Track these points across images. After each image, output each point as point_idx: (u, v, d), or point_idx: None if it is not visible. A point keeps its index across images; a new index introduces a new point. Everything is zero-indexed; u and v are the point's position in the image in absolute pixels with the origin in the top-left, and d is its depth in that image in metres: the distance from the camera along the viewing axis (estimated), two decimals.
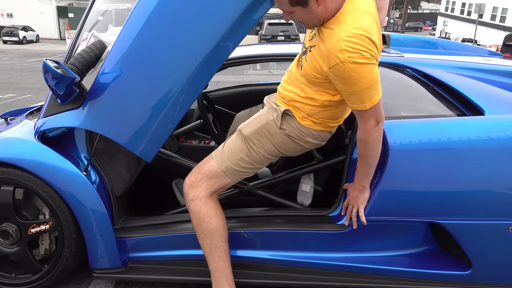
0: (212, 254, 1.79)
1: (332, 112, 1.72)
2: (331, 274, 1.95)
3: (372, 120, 1.57)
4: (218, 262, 1.79)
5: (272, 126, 1.74)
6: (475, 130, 1.79)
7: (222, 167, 1.78)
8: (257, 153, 1.77)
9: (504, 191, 1.78)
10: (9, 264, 2.04)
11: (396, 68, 2.06)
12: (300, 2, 1.46)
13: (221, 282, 1.80)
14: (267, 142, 1.76)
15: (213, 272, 1.81)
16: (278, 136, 1.75)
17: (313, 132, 1.76)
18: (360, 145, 1.66)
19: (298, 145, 1.79)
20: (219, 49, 1.68)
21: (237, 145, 1.78)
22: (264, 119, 1.77)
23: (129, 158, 2.23)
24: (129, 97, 1.75)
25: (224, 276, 1.80)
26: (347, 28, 1.44)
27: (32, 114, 2.51)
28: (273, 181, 2.10)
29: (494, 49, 12.05)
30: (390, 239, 1.95)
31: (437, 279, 1.90)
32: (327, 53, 1.48)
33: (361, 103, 1.53)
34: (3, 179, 1.91)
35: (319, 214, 1.98)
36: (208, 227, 1.77)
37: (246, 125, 1.80)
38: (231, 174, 1.79)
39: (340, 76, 1.48)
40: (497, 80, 2.05)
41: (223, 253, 1.79)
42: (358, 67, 1.44)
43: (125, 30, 1.70)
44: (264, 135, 1.75)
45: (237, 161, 1.77)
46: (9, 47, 23.16)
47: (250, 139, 1.76)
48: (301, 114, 1.72)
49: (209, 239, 1.77)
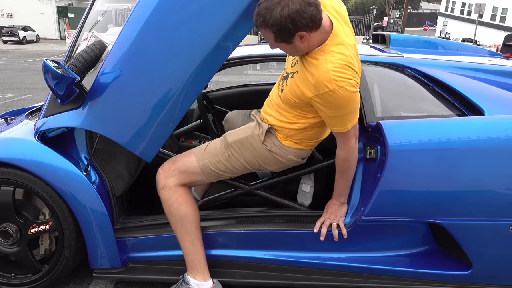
0: (183, 239, 1.87)
1: (309, 133, 1.83)
2: (331, 274, 1.95)
3: (352, 139, 1.71)
4: (189, 247, 1.87)
5: (256, 140, 1.84)
6: (475, 130, 1.79)
7: (200, 164, 1.87)
8: (237, 160, 1.87)
9: (504, 191, 1.78)
10: (9, 264, 2.04)
11: (396, 68, 2.06)
12: (284, 40, 1.54)
13: (193, 265, 1.88)
14: (248, 153, 1.86)
15: (185, 256, 1.90)
16: (260, 150, 1.85)
17: (294, 151, 1.86)
18: (342, 163, 1.77)
19: (279, 161, 1.88)
20: (219, 49, 1.68)
21: (219, 149, 1.88)
22: (249, 132, 1.87)
23: (129, 158, 2.23)
24: (129, 97, 1.75)
25: (196, 260, 1.88)
26: (333, 59, 1.54)
27: (32, 114, 2.51)
28: (273, 181, 2.10)
29: (494, 49, 12.05)
30: (390, 239, 1.95)
31: (437, 279, 1.90)
32: (314, 83, 1.57)
33: (344, 125, 1.65)
34: (3, 179, 1.90)
35: (319, 214, 1.98)
36: (177, 213, 1.85)
37: (232, 133, 1.92)
38: (206, 173, 1.89)
39: (328, 102, 1.59)
40: (497, 80, 2.05)
41: (193, 239, 1.87)
42: (346, 94, 1.55)
43: (125, 30, 1.70)
44: (246, 146, 1.85)
45: (216, 162, 1.87)
46: (9, 47, 23.17)
47: (232, 146, 1.86)
48: (281, 135, 1.84)
49: (179, 225, 1.86)
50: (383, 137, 1.79)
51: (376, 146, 1.85)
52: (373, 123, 1.90)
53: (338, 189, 1.88)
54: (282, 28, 1.48)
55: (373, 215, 1.84)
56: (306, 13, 1.46)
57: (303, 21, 1.47)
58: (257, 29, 1.54)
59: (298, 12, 1.44)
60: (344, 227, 1.87)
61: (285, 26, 1.47)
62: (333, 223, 1.89)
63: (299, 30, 1.49)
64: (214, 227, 1.99)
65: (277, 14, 1.45)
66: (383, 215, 1.85)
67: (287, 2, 1.44)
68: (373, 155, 1.86)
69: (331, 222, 1.89)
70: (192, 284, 1.87)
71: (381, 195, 1.79)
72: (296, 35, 1.51)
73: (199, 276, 1.87)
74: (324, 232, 1.88)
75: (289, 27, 1.48)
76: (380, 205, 1.82)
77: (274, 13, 1.45)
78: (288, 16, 1.44)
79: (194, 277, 1.87)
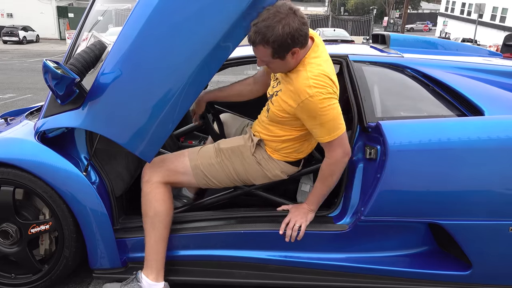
0: (149, 236, 1.89)
1: (297, 146, 1.91)
2: (331, 274, 1.95)
3: (339, 149, 1.74)
4: (152, 245, 1.88)
5: (247, 150, 1.94)
6: (475, 130, 1.79)
7: (192, 164, 1.92)
8: (226, 167, 1.93)
9: (504, 191, 1.78)
10: (9, 264, 2.04)
11: (396, 68, 2.06)
12: (280, 56, 1.68)
13: (150, 264, 1.89)
14: (237, 162, 1.93)
15: (146, 253, 1.90)
16: (249, 160, 1.93)
17: (281, 165, 1.94)
18: (326, 173, 1.80)
19: (266, 176, 1.96)
20: (219, 49, 1.68)
21: (212, 153, 1.96)
22: (242, 142, 1.97)
23: (129, 158, 2.23)
24: (129, 97, 1.75)
25: (154, 259, 1.88)
26: (312, 69, 1.69)
27: (32, 114, 2.51)
28: (274, 182, 2.09)
29: (494, 49, 12.06)
30: (390, 239, 1.95)
31: (437, 279, 1.90)
32: (296, 91, 1.69)
33: (327, 134, 1.71)
34: (3, 179, 1.91)
35: (319, 214, 1.98)
36: (151, 209, 1.87)
37: (225, 141, 2.03)
38: (196, 174, 1.93)
39: (308, 109, 1.68)
40: (497, 80, 2.05)
41: (158, 238, 1.88)
42: (325, 101, 1.66)
43: (125, 30, 1.70)
44: (237, 155, 1.94)
45: (208, 165, 1.93)
46: (9, 47, 23.16)
47: (224, 152, 1.94)
48: (270, 149, 1.93)
49: (150, 221, 1.88)
50: (383, 137, 1.79)
51: (376, 146, 1.85)
52: (373, 123, 1.90)
53: (313, 196, 1.89)
54: (283, 44, 1.62)
55: (373, 215, 1.84)
56: (302, 31, 1.63)
57: (300, 38, 1.64)
58: (253, 46, 1.68)
59: (297, 30, 1.61)
60: (303, 232, 1.86)
61: (286, 42, 1.62)
62: (296, 224, 1.87)
63: (295, 46, 1.65)
64: (214, 227, 1.99)
65: (279, 31, 1.59)
66: (383, 215, 1.85)
67: (288, 21, 1.59)
68: (373, 155, 1.86)
69: (295, 223, 1.88)
70: (143, 282, 1.87)
71: (381, 195, 1.79)
72: (291, 51, 1.66)
73: (152, 275, 1.88)
74: (289, 234, 1.87)
75: (289, 43, 1.62)
76: (380, 205, 1.82)
77: (276, 30, 1.59)
78: (289, 33, 1.60)
79: (147, 276, 1.88)
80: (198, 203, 2.13)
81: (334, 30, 20.09)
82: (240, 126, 2.35)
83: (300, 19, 1.62)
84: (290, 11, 1.61)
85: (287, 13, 1.60)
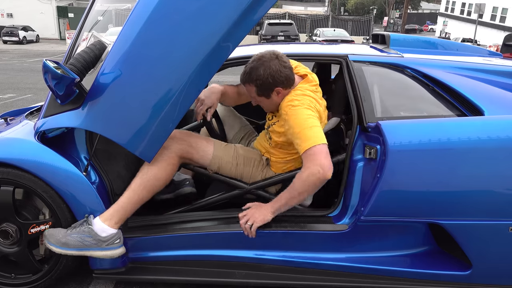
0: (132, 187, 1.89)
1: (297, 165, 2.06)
2: (331, 274, 1.95)
3: (317, 162, 1.74)
4: (130, 195, 1.88)
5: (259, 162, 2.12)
6: (475, 130, 1.79)
7: (215, 153, 2.04)
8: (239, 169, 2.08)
9: (504, 191, 1.78)
10: (9, 264, 2.04)
11: (396, 68, 2.06)
12: (264, 95, 1.96)
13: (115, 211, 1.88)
14: (247, 169, 2.09)
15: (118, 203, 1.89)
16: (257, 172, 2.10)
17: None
18: (299, 183, 1.78)
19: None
20: (219, 49, 1.67)
21: (232, 153, 2.10)
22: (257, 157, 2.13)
23: (129, 158, 2.23)
24: (129, 97, 1.75)
25: (123, 208, 1.88)
26: (296, 92, 1.94)
27: (32, 114, 2.51)
28: (273, 181, 2.10)
29: (494, 49, 12.06)
30: (389, 240, 1.95)
31: (437, 279, 1.90)
32: (283, 109, 1.90)
33: (304, 142, 1.77)
34: (3, 179, 1.90)
35: (319, 214, 1.98)
36: (151, 169, 1.89)
37: (244, 148, 2.17)
38: (213, 163, 2.04)
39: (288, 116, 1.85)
40: (497, 80, 2.05)
41: (138, 199, 1.89)
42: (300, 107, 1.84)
43: (125, 30, 1.70)
44: (251, 165, 2.10)
45: (227, 162, 2.06)
46: (9, 47, 23.15)
47: (240, 158, 2.09)
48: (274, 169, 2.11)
49: (144, 177, 1.89)
50: (382, 137, 1.79)
51: (376, 146, 1.85)
52: (373, 123, 1.90)
53: (279, 199, 1.86)
54: (264, 82, 1.91)
55: (372, 215, 1.84)
56: (282, 73, 1.91)
57: (280, 78, 1.91)
58: (243, 85, 1.99)
59: (277, 71, 1.90)
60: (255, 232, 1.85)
61: (267, 81, 1.90)
62: (249, 222, 1.86)
63: (277, 85, 1.92)
64: (214, 227, 1.99)
65: (261, 71, 1.90)
66: (383, 215, 1.85)
67: (269, 64, 1.90)
68: (372, 155, 1.86)
69: (247, 220, 1.87)
70: (96, 225, 1.84)
71: (381, 195, 1.79)
72: (274, 91, 1.92)
73: (110, 222, 1.86)
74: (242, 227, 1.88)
75: (270, 82, 1.90)
76: (380, 205, 1.82)
77: (258, 71, 1.91)
78: (270, 74, 1.89)
79: (104, 221, 1.85)
80: (198, 203, 2.13)
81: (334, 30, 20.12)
82: (239, 131, 2.40)
83: (281, 63, 1.90)
84: (273, 56, 1.91)
85: (270, 58, 1.90)
